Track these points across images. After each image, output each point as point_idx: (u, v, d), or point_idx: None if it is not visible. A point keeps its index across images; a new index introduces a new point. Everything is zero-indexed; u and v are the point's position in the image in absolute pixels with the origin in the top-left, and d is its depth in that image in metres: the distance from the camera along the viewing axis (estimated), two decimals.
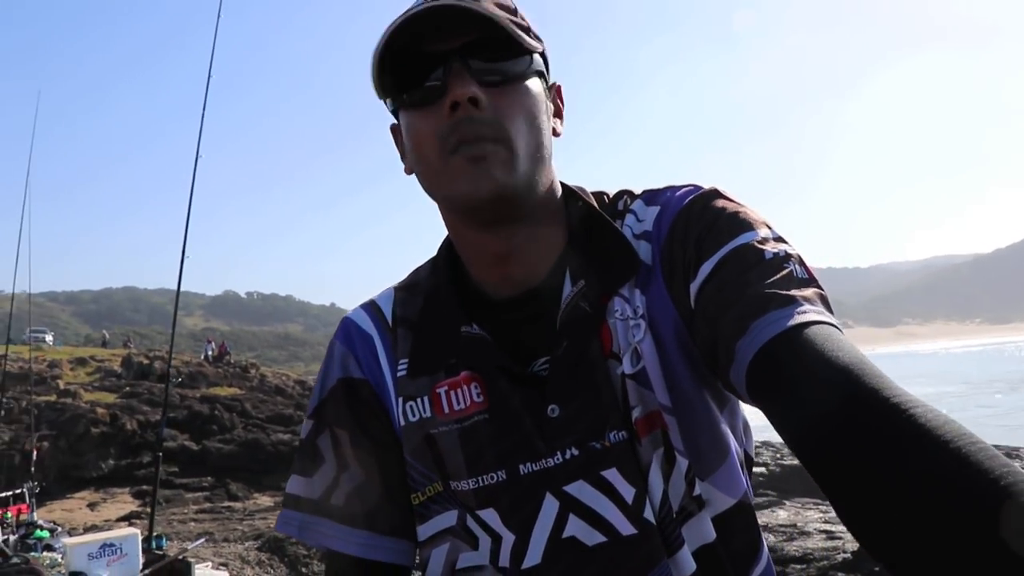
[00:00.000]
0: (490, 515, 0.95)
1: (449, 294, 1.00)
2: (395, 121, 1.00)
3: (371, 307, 1.08)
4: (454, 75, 0.87)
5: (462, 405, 0.97)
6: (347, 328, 1.07)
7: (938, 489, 0.59)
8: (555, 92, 1.00)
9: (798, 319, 0.78)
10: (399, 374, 1.01)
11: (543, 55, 0.97)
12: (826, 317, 0.80)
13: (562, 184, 1.02)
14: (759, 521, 1.00)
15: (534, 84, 0.94)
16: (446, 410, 0.97)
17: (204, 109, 6.11)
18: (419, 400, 0.99)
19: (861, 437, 0.66)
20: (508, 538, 0.95)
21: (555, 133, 0.97)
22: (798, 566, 8.03)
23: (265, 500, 15.37)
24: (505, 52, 0.90)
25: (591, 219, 0.99)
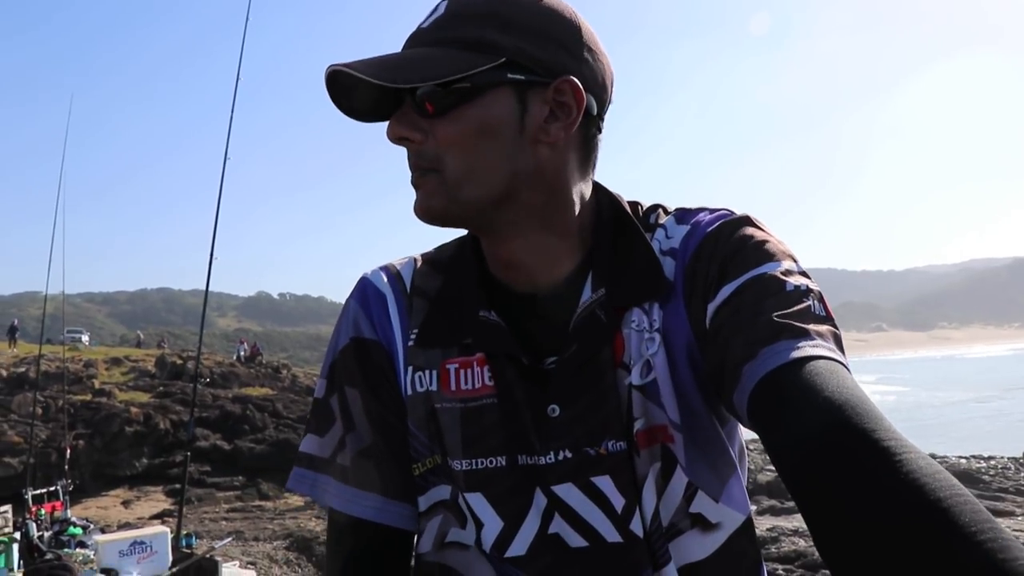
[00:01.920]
0: (477, 499, 0.96)
1: (471, 277, 1.00)
2: None
3: (390, 270, 1.07)
4: (394, 114, 0.91)
5: (470, 385, 0.97)
6: (363, 287, 1.06)
7: (917, 542, 0.59)
8: (551, 93, 0.90)
9: (807, 352, 0.78)
10: (410, 342, 1.01)
11: (520, 61, 0.89)
12: (835, 355, 0.79)
13: (599, 188, 1.02)
14: (791, 525, 1.00)
15: (489, 102, 0.88)
16: (452, 387, 0.97)
17: (232, 112, 6.18)
18: (427, 372, 0.99)
19: (847, 480, 0.66)
20: (494, 525, 0.95)
21: (548, 140, 0.91)
22: (828, 571, 7.97)
23: (296, 500, 15.48)
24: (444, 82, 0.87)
25: (625, 229, 0.99)
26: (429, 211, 0.92)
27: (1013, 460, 16.68)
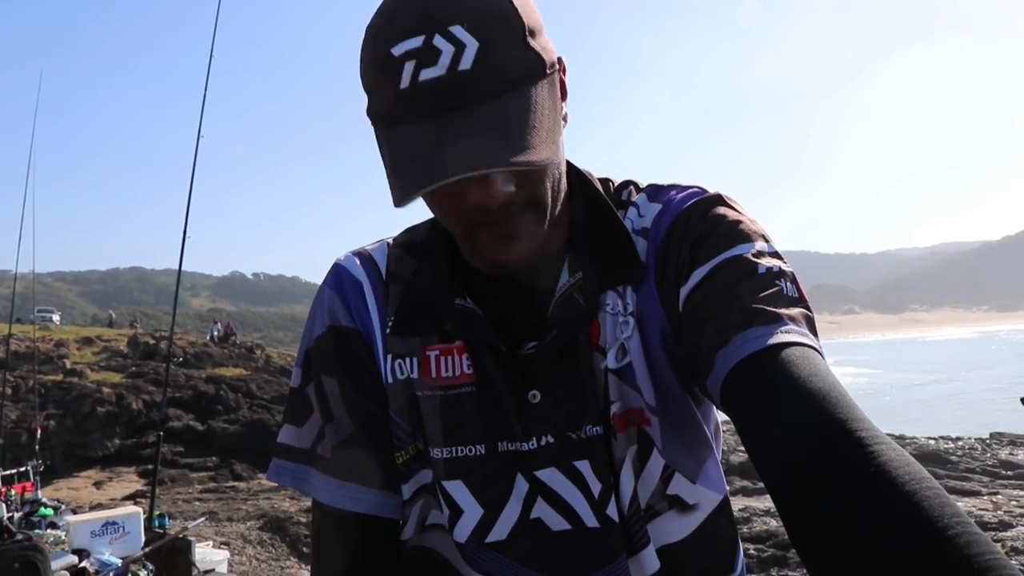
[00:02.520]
0: (456, 487, 0.96)
1: (444, 262, 0.99)
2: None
3: (364, 256, 1.05)
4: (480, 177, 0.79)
5: (450, 373, 0.96)
6: (338, 274, 1.03)
7: (887, 530, 0.60)
8: (560, 72, 0.88)
9: (780, 338, 0.78)
10: (387, 330, 0.99)
11: (551, 61, 0.85)
12: (808, 340, 0.79)
13: (571, 166, 0.99)
14: (763, 506, 1.02)
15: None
16: (433, 374, 0.96)
17: (205, 90, 6.14)
18: (407, 359, 0.98)
19: (820, 469, 0.66)
20: (474, 512, 0.95)
21: (564, 120, 0.90)
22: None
23: (269, 481, 15.43)
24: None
25: (598, 210, 0.98)
26: (534, 251, 0.87)
27: (980, 440, 16.93)
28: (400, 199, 0.77)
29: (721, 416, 1.01)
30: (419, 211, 0.95)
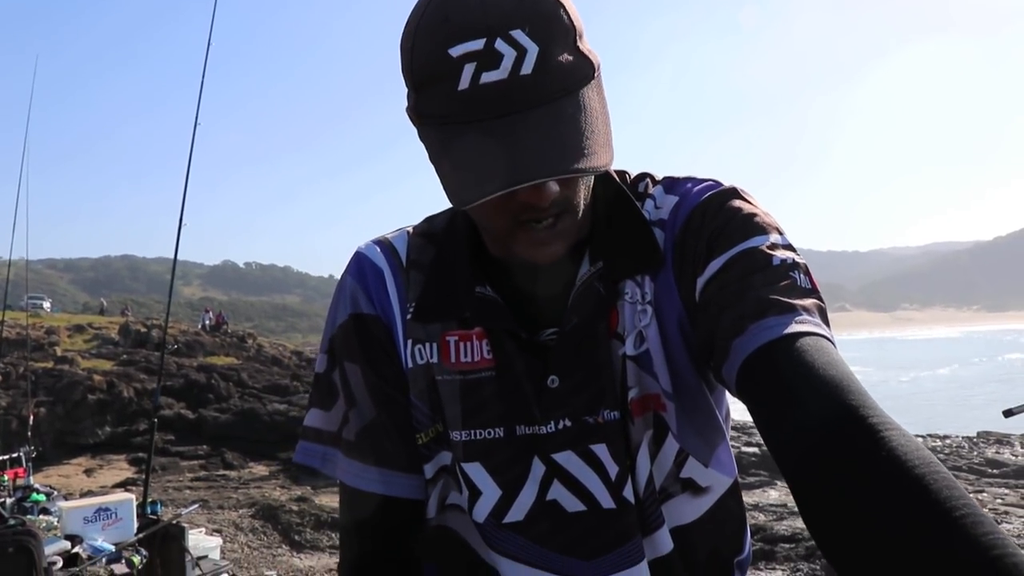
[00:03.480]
0: (475, 469, 0.98)
1: (465, 251, 1.00)
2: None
3: (385, 244, 1.07)
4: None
5: (470, 358, 0.98)
6: (360, 262, 1.05)
7: (897, 512, 0.62)
8: (598, 75, 0.87)
9: (794, 328, 0.80)
10: (408, 316, 1.01)
11: (597, 63, 0.86)
12: (822, 330, 0.82)
13: None
14: (751, 500, 1.05)
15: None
16: (452, 359, 0.99)
17: (203, 76, 6.10)
18: (427, 345, 1.00)
19: (833, 455, 0.69)
20: (492, 494, 0.98)
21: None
22: (787, 545, 8.12)
23: (260, 469, 15.43)
24: None
25: (619, 201, 0.99)
26: (567, 249, 0.90)
27: (967, 439, 16.99)
28: (469, 200, 0.79)
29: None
30: (412, 203, 0.94)
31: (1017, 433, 16.46)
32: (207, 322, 33.76)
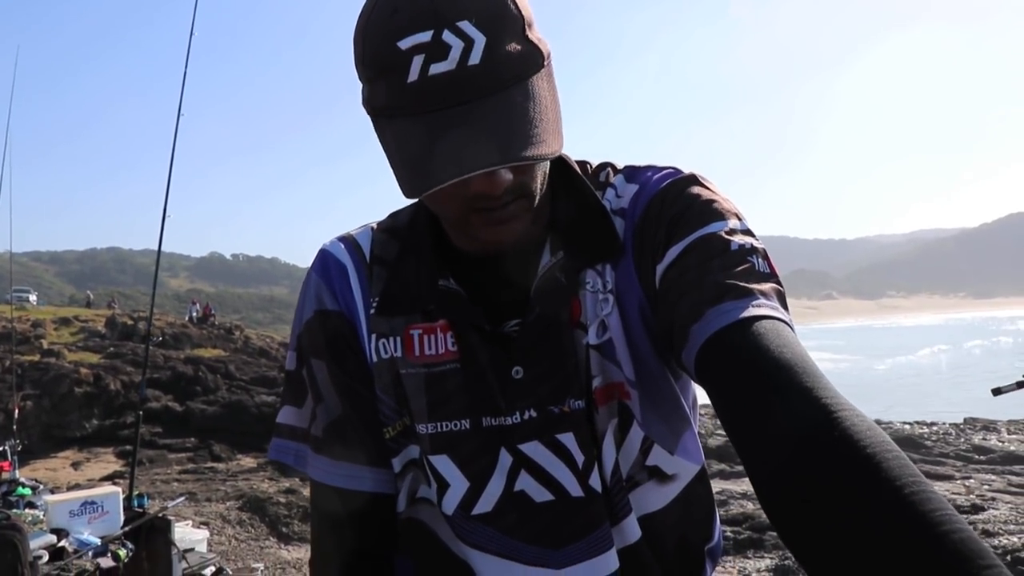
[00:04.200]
0: (442, 461, 0.99)
1: (427, 245, 1.01)
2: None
3: (349, 241, 1.08)
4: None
5: (434, 351, 0.99)
6: (324, 259, 1.07)
7: (849, 491, 0.63)
8: (549, 65, 0.88)
9: (751, 312, 0.81)
10: (372, 310, 1.02)
11: (547, 51, 0.87)
12: (779, 313, 0.83)
13: None
14: (740, 488, 1.05)
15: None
16: (417, 352, 0.99)
17: (186, 65, 6.06)
18: (391, 339, 1.00)
19: (787, 437, 0.69)
20: (460, 485, 0.98)
21: None
22: (775, 533, 8.16)
23: (248, 461, 15.41)
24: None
25: (577, 191, 1.00)
26: (526, 232, 0.91)
27: (954, 426, 17.09)
28: (418, 191, 0.80)
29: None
30: (400, 194, 0.96)
31: (1004, 419, 16.57)
32: (194, 314, 33.74)
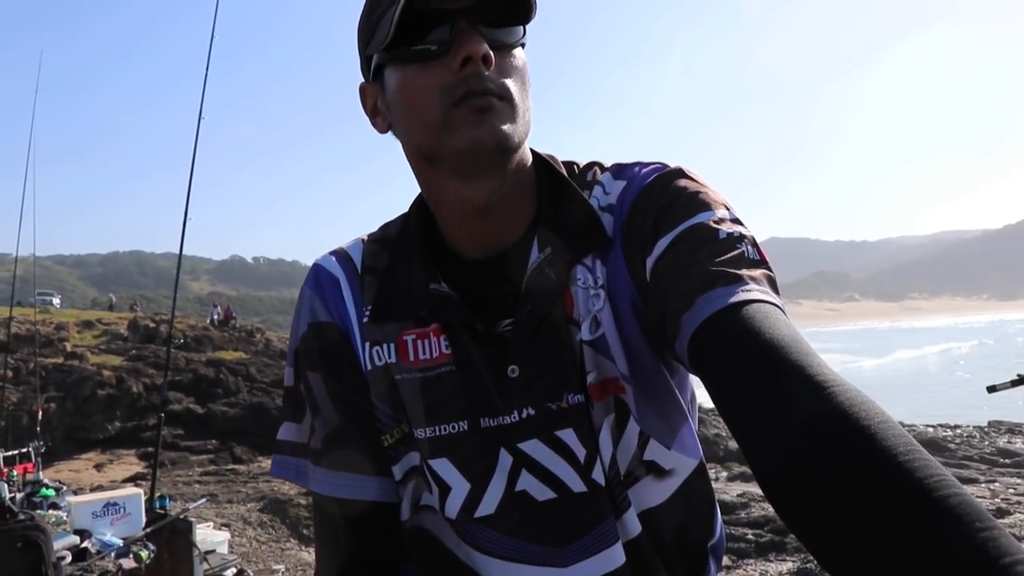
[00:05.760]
0: (442, 464, 0.99)
1: (418, 250, 1.02)
2: (364, 81, 1.00)
3: (340, 254, 1.09)
4: (463, 33, 0.87)
5: (428, 355, 0.99)
6: (316, 273, 1.08)
7: (843, 465, 0.63)
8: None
9: (741, 296, 0.80)
10: (365, 319, 1.03)
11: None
12: (770, 297, 0.82)
13: (533, 152, 1.03)
14: (759, 490, 1.04)
15: (524, 54, 0.95)
16: (411, 358, 1.00)
17: (207, 69, 6.10)
18: (384, 346, 1.01)
19: (780, 414, 0.69)
20: (462, 488, 0.98)
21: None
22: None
23: (269, 463, 15.43)
24: (507, 19, 0.92)
25: (561, 188, 1.01)
26: (506, 138, 0.90)
27: (978, 429, 16.96)
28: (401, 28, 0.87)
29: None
30: (410, 198, 0.95)
31: None
32: (215, 317, 33.92)
